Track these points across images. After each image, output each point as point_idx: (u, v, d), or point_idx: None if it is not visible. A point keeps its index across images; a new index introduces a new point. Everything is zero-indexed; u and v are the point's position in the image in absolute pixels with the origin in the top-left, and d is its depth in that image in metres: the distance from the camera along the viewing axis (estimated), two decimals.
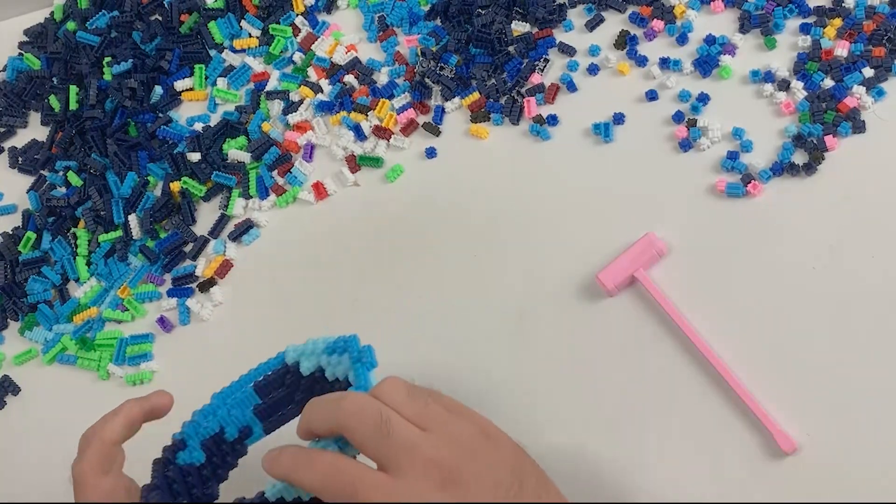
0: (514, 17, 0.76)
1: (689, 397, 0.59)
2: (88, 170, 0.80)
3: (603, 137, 0.70)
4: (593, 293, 0.64)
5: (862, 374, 0.57)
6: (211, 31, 0.84)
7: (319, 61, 0.80)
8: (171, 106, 0.82)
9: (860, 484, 0.55)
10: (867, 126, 0.65)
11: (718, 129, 0.67)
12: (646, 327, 0.62)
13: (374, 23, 0.81)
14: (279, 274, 0.72)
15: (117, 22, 0.86)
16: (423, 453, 0.41)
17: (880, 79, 0.67)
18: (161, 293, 0.74)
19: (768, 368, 0.59)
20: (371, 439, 0.42)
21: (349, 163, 0.75)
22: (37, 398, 0.73)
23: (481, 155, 0.72)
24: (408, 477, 0.41)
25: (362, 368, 0.46)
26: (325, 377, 0.49)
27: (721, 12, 0.73)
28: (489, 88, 0.74)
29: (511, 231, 0.68)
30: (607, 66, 0.73)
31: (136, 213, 0.76)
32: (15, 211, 0.82)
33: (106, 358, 0.72)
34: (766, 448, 0.57)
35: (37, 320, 0.75)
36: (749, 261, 0.62)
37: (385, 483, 0.41)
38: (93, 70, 0.84)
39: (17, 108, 0.87)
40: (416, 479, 0.41)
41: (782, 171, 0.65)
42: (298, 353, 0.50)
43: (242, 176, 0.76)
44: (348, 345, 0.47)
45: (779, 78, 0.68)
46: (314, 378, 0.50)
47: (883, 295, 0.59)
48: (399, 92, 0.76)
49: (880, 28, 0.68)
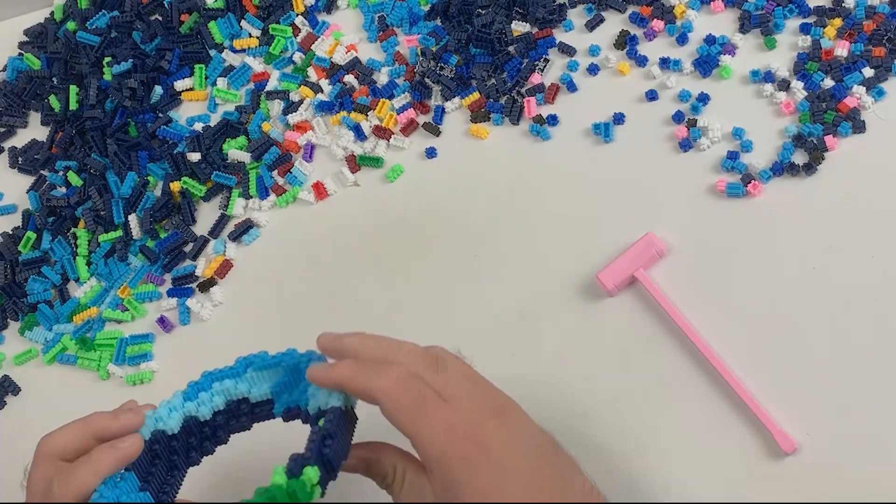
0: (514, 17, 0.76)
1: (689, 397, 0.59)
2: (88, 170, 0.80)
3: (603, 137, 0.70)
4: (593, 293, 0.64)
5: (862, 374, 0.57)
6: (211, 31, 0.84)
7: (319, 61, 0.80)
8: (171, 106, 0.82)
9: (860, 484, 0.55)
10: (867, 126, 0.65)
11: (718, 129, 0.67)
12: (646, 327, 0.62)
13: (374, 23, 0.81)
14: (279, 274, 0.72)
15: (117, 22, 0.86)
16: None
17: (880, 79, 0.67)
18: (161, 293, 0.74)
19: (768, 368, 0.59)
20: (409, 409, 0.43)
21: (349, 163, 0.75)
22: (37, 398, 0.73)
23: (481, 155, 0.72)
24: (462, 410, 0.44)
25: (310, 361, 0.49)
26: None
27: (721, 12, 0.73)
28: (489, 88, 0.74)
29: (511, 231, 0.68)
30: (607, 66, 0.73)
31: (136, 213, 0.76)
32: (15, 211, 0.82)
33: (106, 358, 0.72)
34: (766, 448, 0.57)
35: (37, 320, 0.75)
36: (749, 261, 0.62)
37: (446, 406, 0.44)
38: (93, 70, 0.84)
39: (17, 108, 0.87)
40: (472, 410, 0.44)
41: (782, 171, 0.65)
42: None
43: (242, 176, 0.76)
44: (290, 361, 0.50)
45: (779, 78, 0.68)
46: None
47: (883, 295, 0.59)
48: (399, 92, 0.76)
49: (880, 28, 0.68)
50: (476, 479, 0.42)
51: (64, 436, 0.49)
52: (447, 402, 0.44)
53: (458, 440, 0.43)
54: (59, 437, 0.49)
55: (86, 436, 0.49)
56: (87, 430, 0.50)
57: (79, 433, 0.49)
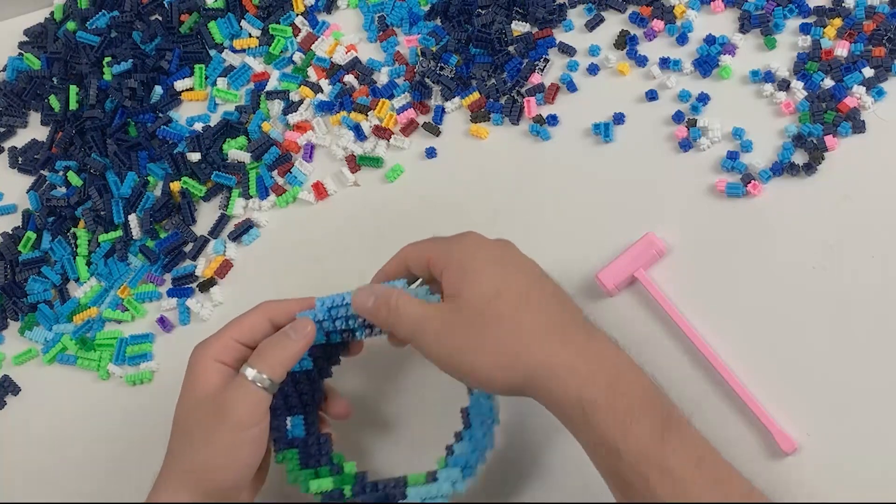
0: (514, 17, 0.76)
1: (688, 397, 0.59)
2: (88, 170, 0.80)
3: (603, 137, 0.70)
4: (593, 293, 0.64)
5: (862, 374, 0.57)
6: (211, 31, 0.84)
7: (319, 61, 0.80)
8: (171, 106, 0.82)
9: (860, 484, 0.55)
10: (867, 126, 0.65)
11: (718, 129, 0.67)
12: (646, 327, 0.62)
13: (374, 23, 0.81)
14: (279, 274, 0.72)
15: (117, 22, 0.86)
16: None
17: (880, 79, 0.67)
18: (161, 293, 0.74)
19: (768, 368, 0.59)
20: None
21: (349, 163, 0.75)
22: (37, 398, 0.73)
23: (481, 155, 0.72)
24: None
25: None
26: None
27: (721, 12, 0.73)
28: (489, 88, 0.74)
29: (511, 231, 0.68)
30: (607, 66, 0.73)
31: (136, 213, 0.76)
32: (15, 211, 0.82)
33: (106, 358, 0.72)
34: (766, 448, 0.57)
35: (37, 320, 0.75)
36: (749, 261, 0.62)
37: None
38: (93, 70, 0.84)
39: (17, 108, 0.87)
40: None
41: (782, 171, 0.65)
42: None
43: (242, 176, 0.76)
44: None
45: (779, 78, 0.68)
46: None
47: (883, 295, 0.59)
48: (399, 92, 0.76)
49: (880, 28, 0.68)
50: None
51: (249, 319, 0.56)
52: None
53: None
54: (246, 322, 0.56)
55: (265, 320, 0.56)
56: (265, 314, 0.57)
57: (261, 317, 0.57)
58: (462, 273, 0.51)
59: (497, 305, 0.50)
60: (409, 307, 0.52)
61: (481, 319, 0.49)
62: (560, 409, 0.49)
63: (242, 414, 0.51)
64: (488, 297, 0.50)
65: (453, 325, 0.50)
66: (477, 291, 0.50)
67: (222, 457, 0.51)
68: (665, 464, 0.46)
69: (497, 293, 0.50)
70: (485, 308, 0.49)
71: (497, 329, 0.49)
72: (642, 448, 0.46)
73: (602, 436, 0.47)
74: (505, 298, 0.50)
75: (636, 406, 0.47)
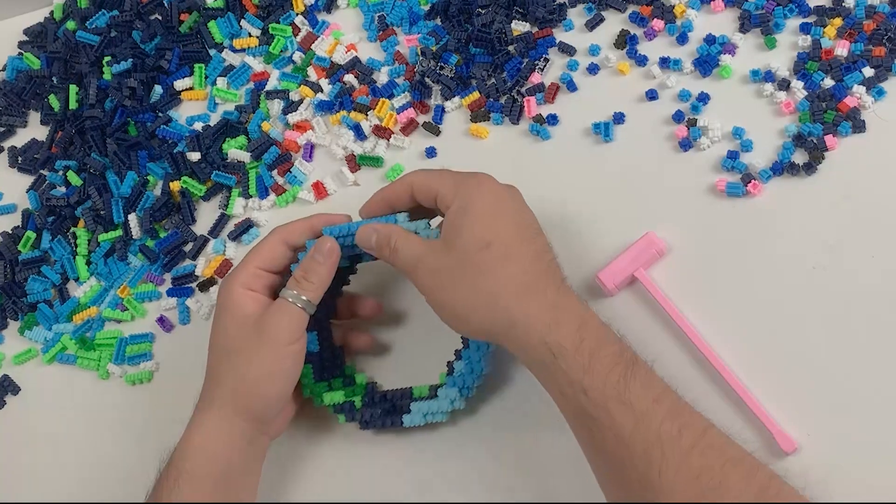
0: (514, 16, 0.76)
1: (688, 397, 0.59)
2: (88, 169, 0.80)
3: (603, 137, 0.70)
4: (593, 293, 0.64)
5: (861, 374, 0.57)
6: (211, 31, 0.84)
7: (319, 61, 0.80)
8: (170, 105, 0.82)
9: (860, 484, 0.55)
10: (867, 126, 0.65)
11: (718, 128, 0.67)
12: (646, 327, 0.62)
13: (374, 22, 0.81)
14: None
15: (117, 21, 0.85)
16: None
17: (880, 78, 0.67)
18: (161, 293, 0.74)
19: (768, 368, 0.59)
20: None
21: (349, 162, 0.75)
22: (37, 398, 0.73)
23: (481, 155, 0.72)
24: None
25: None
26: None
27: (721, 12, 0.73)
28: (489, 88, 0.74)
29: None
30: (607, 65, 0.73)
31: (136, 213, 0.76)
32: (15, 210, 0.82)
33: (106, 357, 0.72)
34: (766, 448, 0.57)
35: (36, 320, 0.75)
36: (749, 260, 0.62)
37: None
38: (92, 69, 0.84)
39: (17, 107, 0.87)
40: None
41: (782, 170, 0.65)
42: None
43: (242, 175, 0.76)
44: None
45: (779, 77, 0.68)
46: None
47: (883, 295, 0.59)
48: (399, 91, 0.76)
49: (880, 28, 0.68)
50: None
51: (267, 245, 0.62)
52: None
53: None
54: (265, 249, 0.61)
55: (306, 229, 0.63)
56: (279, 238, 0.62)
57: (277, 241, 0.62)
58: (462, 215, 0.55)
59: (484, 256, 0.54)
60: (406, 248, 0.57)
61: (468, 267, 0.54)
62: (529, 354, 0.53)
63: (283, 331, 0.57)
64: (479, 247, 0.54)
65: (443, 268, 0.55)
66: (470, 240, 0.55)
67: (267, 370, 0.57)
68: (625, 397, 0.50)
69: (487, 244, 0.54)
70: (474, 257, 0.54)
71: (481, 279, 0.54)
72: (606, 381, 0.50)
73: (568, 375, 0.51)
74: (493, 250, 0.54)
75: (602, 349, 0.52)
